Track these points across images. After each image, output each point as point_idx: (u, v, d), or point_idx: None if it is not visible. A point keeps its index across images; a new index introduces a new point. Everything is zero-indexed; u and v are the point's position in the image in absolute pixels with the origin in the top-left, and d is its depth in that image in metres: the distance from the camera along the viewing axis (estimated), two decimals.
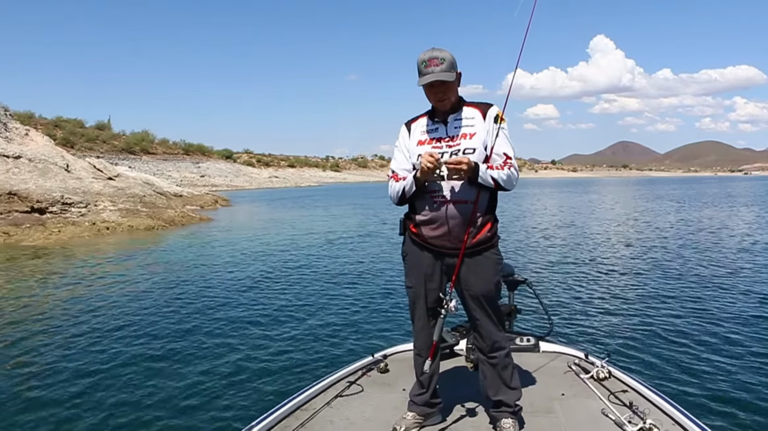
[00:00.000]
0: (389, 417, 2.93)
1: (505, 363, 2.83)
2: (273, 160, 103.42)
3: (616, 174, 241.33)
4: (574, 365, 3.57)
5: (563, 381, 3.39)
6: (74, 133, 58.06)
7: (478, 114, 2.75)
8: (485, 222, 2.72)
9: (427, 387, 2.88)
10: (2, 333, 7.37)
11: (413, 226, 2.82)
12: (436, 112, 2.80)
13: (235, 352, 6.44)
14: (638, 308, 8.27)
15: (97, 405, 5.02)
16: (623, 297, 9.01)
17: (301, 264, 12.69)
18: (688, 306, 8.24)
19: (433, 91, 2.70)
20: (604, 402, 3.03)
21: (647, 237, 18.00)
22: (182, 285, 10.44)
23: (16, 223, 19.30)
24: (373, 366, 3.63)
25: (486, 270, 2.74)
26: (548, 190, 65.54)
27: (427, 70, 2.63)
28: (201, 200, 32.81)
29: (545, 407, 3.03)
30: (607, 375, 3.35)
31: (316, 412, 2.98)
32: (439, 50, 2.65)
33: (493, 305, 2.79)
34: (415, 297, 2.85)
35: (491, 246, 2.76)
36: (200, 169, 69.53)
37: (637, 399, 3.03)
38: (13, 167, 22.53)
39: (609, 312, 8.08)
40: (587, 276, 11.05)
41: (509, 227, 21.51)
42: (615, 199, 45.03)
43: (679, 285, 9.83)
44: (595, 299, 8.94)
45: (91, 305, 8.78)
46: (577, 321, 7.54)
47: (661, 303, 8.55)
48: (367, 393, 3.26)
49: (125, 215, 21.91)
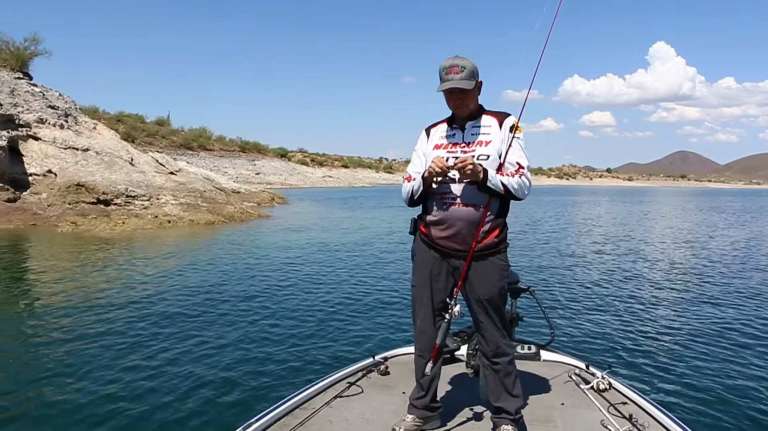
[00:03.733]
0: (388, 419, 2.95)
1: (507, 370, 2.86)
2: (327, 159, 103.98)
3: (674, 184, 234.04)
4: (574, 375, 3.59)
5: (563, 390, 3.40)
6: (135, 127, 59.42)
7: (495, 122, 2.83)
8: (494, 228, 2.78)
9: (427, 390, 2.91)
10: (65, 313, 7.59)
11: (423, 226, 2.91)
12: (455, 119, 2.90)
13: (237, 347, 6.43)
14: (642, 321, 8.10)
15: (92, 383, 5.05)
16: (628, 310, 8.82)
17: (342, 266, 12.40)
18: (695, 324, 7.99)
19: (451, 97, 2.80)
20: (603, 413, 3.02)
21: (671, 248, 17.31)
22: (222, 280, 10.35)
23: (83, 214, 19.73)
24: (374, 368, 3.64)
25: (491, 275, 2.78)
26: (596, 198, 63.75)
27: (448, 77, 2.72)
28: (258, 197, 33.02)
29: (545, 416, 3.04)
30: (608, 387, 3.35)
31: (315, 412, 3.01)
32: (461, 58, 2.73)
33: (497, 310, 2.82)
34: (417, 296, 2.91)
35: (498, 251, 2.81)
36: (255, 166, 70.35)
37: (637, 412, 3.02)
38: (81, 159, 23.08)
39: (612, 323, 7.94)
40: (594, 285, 10.82)
41: (527, 232, 21.04)
42: (659, 209, 43.33)
43: (689, 301, 9.55)
44: (599, 310, 8.79)
45: (142, 294, 8.79)
46: (579, 331, 7.45)
47: (667, 317, 8.36)
48: (366, 395, 3.28)
49: (186, 209, 22.14)
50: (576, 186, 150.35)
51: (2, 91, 22.31)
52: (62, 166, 22.21)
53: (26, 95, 23.47)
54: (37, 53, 27.01)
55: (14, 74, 24.42)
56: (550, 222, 27.44)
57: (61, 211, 20.12)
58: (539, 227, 24.10)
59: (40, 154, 22.45)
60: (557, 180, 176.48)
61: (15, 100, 22.65)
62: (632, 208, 44.53)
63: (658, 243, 18.81)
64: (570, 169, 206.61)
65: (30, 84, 24.68)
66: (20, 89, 23.46)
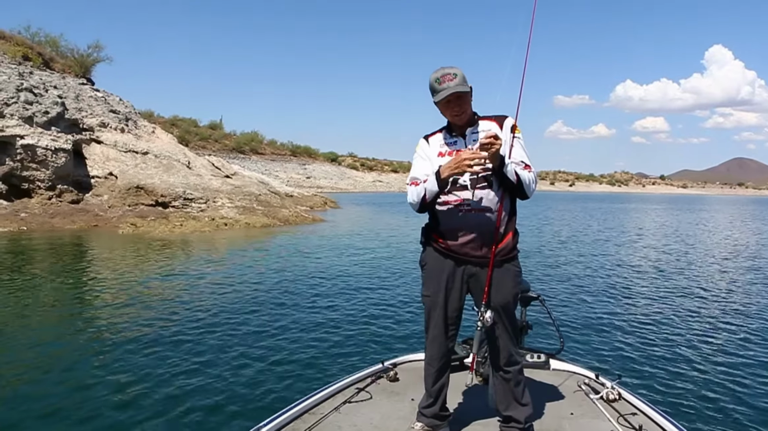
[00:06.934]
0: (397, 426, 2.94)
1: (518, 379, 2.86)
2: (377, 164, 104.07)
3: (730, 192, 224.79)
4: (584, 385, 3.57)
5: (573, 400, 3.37)
6: (189, 131, 60.66)
7: (494, 125, 2.81)
8: (507, 232, 2.78)
9: (437, 398, 2.89)
10: (119, 311, 7.68)
11: (436, 235, 2.85)
12: (452, 127, 2.86)
13: (248, 352, 6.32)
14: (653, 331, 7.84)
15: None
16: (640, 320, 8.53)
17: (384, 271, 12.05)
18: (708, 336, 7.66)
19: (450, 106, 2.75)
20: (613, 424, 2.99)
21: (696, 259, 16.25)
22: (258, 286, 10.10)
23: (142, 215, 20.08)
24: (383, 374, 3.63)
25: (506, 282, 2.77)
26: (644, 206, 60.67)
27: (442, 86, 2.70)
28: (311, 201, 33.13)
29: (554, 426, 3.00)
30: (617, 397, 3.32)
31: (324, 417, 3.00)
32: (450, 67, 2.73)
33: (510, 318, 2.82)
34: (432, 306, 2.86)
35: (512, 258, 2.81)
36: (306, 170, 70.98)
37: (647, 422, 2.98)
38: (141, 162, 23.57)
39: (623, 333, 7.69)
40: (606, 295, 10.40)
41: (553, 240, 20.36)
42: (705, 217, 40.74)
43: (704, 313, 9.11)
44: (610, 319, 8.51)
45: (180, 298, 8.73)
46: (589, 340, 7.26)
47: (679, 329, 8.07)
48: (375, 401, 3.27)
49: (242, 212, 22.32)
50: (628, 193, 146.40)
51: (68, 96, 22.97)
52: (123, 168, 22.73)
53: (89, 100, 24.12)
54: (99, 59, 27.85)
55: (78, 80, 25.15)
56: (583, 229, 26.77)
57: (122, 212, 20.54)
58: (572, 233, 23.53)
59: (102, 157, 23.03)
60: (609, 187, 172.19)
61: (79, 105, 23.29)
62: (678, 216, 42.17)
63: (683, 254, 17.64)
64: (622, 175, 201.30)
65: (93, 89, 25.37)
66: (84, 94, 24.12)
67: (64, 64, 26.03)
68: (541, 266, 13.62)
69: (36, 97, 21.21)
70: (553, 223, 29.31)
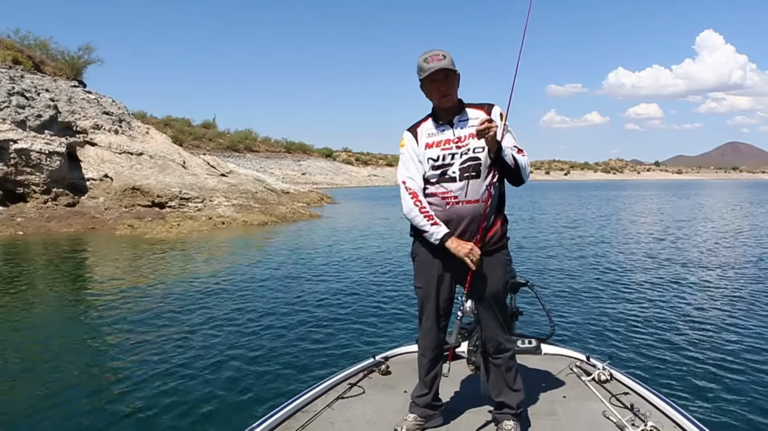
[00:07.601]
0: (390, 418, 2.95)
1: (509, 365, 2.88)
2: (371, 158, 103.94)
3: (725, 176, 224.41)
4: (575, 367, 3.61)
5: (565, 383, 3.41)
6: (182, 131, 60.32)
7: (482, 113, 2.76)
8: (496, 220, 2.80)
9: (430, 388, 2.91)
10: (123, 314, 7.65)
11: None
12: (438, 115, 2.82)
13: (239, 352, 6.28)
14: (642, 311, 8.06)
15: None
16: (627, 301, 8.78)
17: (383, 270, 12.03)
18: (694, 313, 7.97)
19: (436, 85, 2.71)
20: (605, 404, 3.04)
21: (680, 241, 16.61)
22: (253, 283, 10.15)
23: (138, 217, 20.05)
24: (375, 368, 3.64)
25: (496, 270, 2.78)
26: (638, 193, 60.50)
27: (430, 65, 2.66)
28: (307, 197, 33.14)
29: (547, 409, 3.05)
30: (609, 378, 3.38)
31: (317, 414, 3.00)
32: (438, 49, 2.71)
33: (501, 306, 2.84)
34: (425, 298, 2.87)
35: (502, 246, 2.83)
36: (301, 166, 70.89)
37: (639, 401, 3.03)
38: (136, 163, 23.51)
39: (611, 315, 7.88)
40: (597, 281, 10.49)
41: (537, 226, 20.56)
42: (693, 202, 40.93)
43: (689, 291, 9.50)
44: (598, 302, 8.72)
45: (167, 297, 8.74)
46: (579, 324, 7.37)
47: (666, 307, 8.32)
48: (368, 395, 3.28)
49: (239, 210, 22.29)
50: (623, 180, 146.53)
51: (60, 99, 22.87)
52: (118, 170, 22.66)
53: (82, 102, 24.01)
54: (90, 61, 27.72)
55: (70, 82, 25.03)
56: (569, 216, 26.96)
57: (118, 214, 20.50)
58: (552, 220, 23.73)
59: (96, 159, 22.95)
60: (604, 174, 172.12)
61: (72, 107, 23.19)
62: (673, 202, 42.13)
63: (668, 235, 18.07)
64: (617, 163, 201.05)
65: (85, 91, 25.26)
66: (76, 97, 24.02)
67: (54, 66, 25.92)
68: (533, 254, 13.72)
69: (28, 100, 21.12)
70: (548, 212, 29.41)
